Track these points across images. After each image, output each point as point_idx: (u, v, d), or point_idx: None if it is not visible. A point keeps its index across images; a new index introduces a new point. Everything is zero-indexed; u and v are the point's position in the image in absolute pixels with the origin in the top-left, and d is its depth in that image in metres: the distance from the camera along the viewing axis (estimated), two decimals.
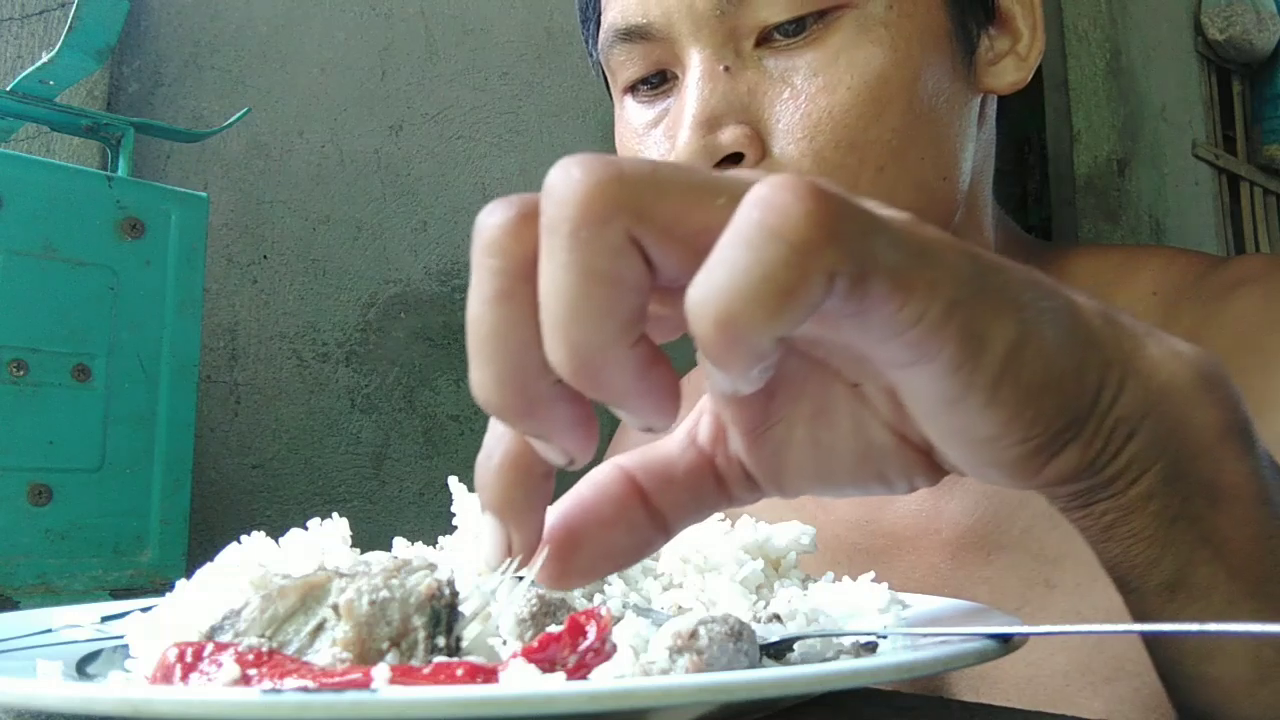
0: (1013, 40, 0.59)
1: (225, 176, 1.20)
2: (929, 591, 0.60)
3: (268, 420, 1.20)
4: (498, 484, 0.31)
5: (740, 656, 0.30)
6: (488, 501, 0.31)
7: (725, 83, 0.54)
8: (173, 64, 1.18)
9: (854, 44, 0.53)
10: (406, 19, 1.35)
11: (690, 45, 0.55)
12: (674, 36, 0.55)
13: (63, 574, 0.74)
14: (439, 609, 0.30)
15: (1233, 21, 2.91)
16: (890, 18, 0.54)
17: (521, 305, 0.27)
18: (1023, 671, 0.57)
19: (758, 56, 0.54)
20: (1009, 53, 0.59)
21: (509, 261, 0.28)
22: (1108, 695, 0.54)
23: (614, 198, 0.26)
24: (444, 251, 1.36)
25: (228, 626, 0.30)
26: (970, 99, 0.58)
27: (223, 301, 1.18)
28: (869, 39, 0.53)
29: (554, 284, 0.26)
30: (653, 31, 0.56)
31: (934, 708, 0.40)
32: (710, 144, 0.53)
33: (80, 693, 0.26)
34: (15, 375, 0.73)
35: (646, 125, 0.59)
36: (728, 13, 0.54)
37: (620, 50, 0.58)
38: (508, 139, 1.43)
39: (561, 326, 0.26)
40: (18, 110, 0.83)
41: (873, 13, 0.53)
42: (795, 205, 0.25)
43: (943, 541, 0.60)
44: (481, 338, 0.28)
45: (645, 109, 0.59)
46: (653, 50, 0.57)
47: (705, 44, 0.54)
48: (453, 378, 1.35)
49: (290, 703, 0.23)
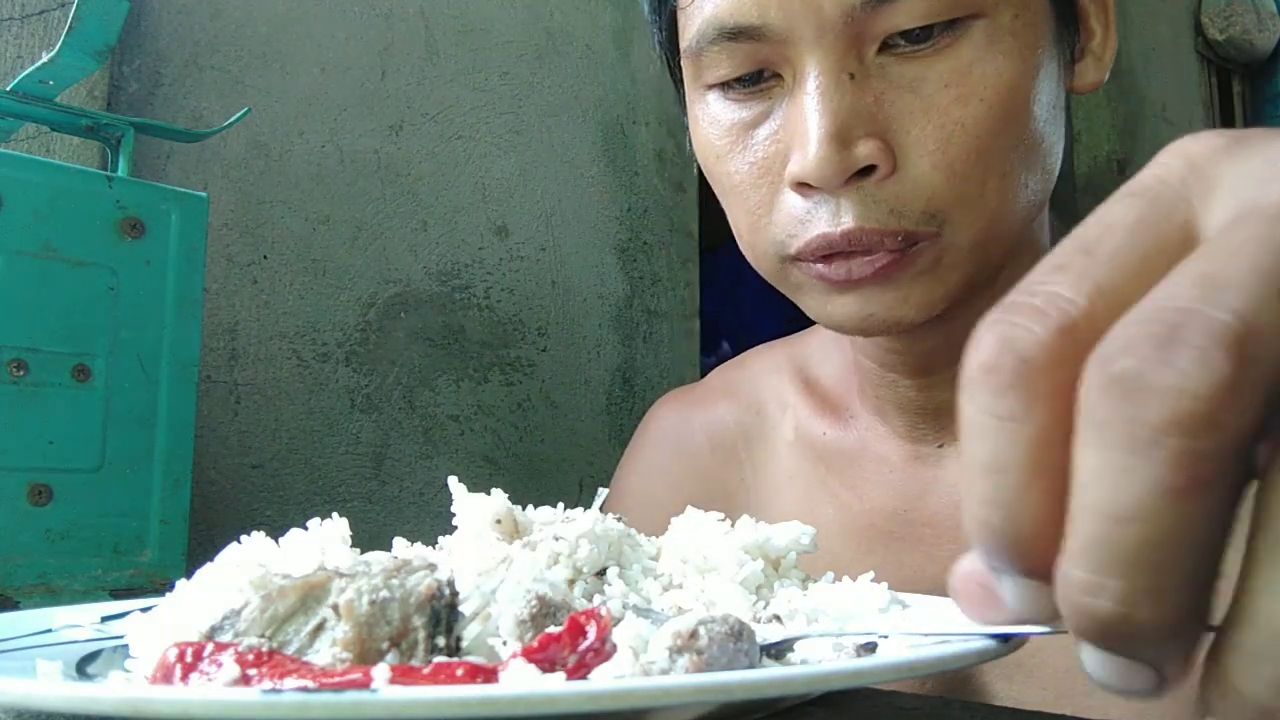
0: (1086, 38, 0.59)
1: (225, 176, 1.20)
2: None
3: (268, 420, 1.20)
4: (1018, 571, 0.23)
5: (740, 656, 0.30)
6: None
7: (852, 92, 0.52)
8: (173, 64, 1.18)
9: (986, 55, 0.52)
10: (406, 19, 1.35)
11: (811, 50, 0.53)
12: (792, 40, 0.53)
13: (63, 574, 0.74)
14: (439, 609, 0.30)
15: (1233, 21, 2.91)
16: (1017, 27, 0.53)
17: (1222, 502, 0.20)
18: (1061, 661, 0.56)
19: (881, 64, 0.53)
20: (1086, 52, 0.59)
21: (1222, 440, 0.19)
22: None
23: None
24: (444, 251, 1.36)
25: (228, 626, 0.30)
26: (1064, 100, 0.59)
27: (223, 301, 1.18)
28: (999, 50, 0.52)
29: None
30: (768, 33, 0.53)
31: (934, 707, 0.40)
32: (846, 158, 0.51)
33: (80, 693, 0.26)
34: (15, 375, 0.73)
35: (742, 125, 0.57)
36: (856, 19, 0.51)
37: (720, 48, 0.56)
38: (508, 139, 1.43)
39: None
40: (18, 110, 0.83)
41: (1001, 23, 0.53)
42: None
43: None
44: (1147, 541, 0.20)
45: (738, 108, 0.57)
46: (759, 50, 0.55)
47: (829, 50, 0.52)
48: (453, 378, 1.35)
49: (290, 703, 0.23)
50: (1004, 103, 0.52)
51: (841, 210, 0.53)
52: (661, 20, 0.63)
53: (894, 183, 0.52)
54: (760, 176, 0.56)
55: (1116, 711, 0.54)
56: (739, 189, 0.58)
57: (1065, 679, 0.56)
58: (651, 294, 1.59)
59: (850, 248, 0.53)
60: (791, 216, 0.55)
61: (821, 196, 0.53)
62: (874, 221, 0.52)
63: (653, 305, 1.59)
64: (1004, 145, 0.53)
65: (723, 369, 0.83)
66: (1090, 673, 0.22)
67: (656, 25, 0.64)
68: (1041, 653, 0.57)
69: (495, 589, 0.33)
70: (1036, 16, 0.54)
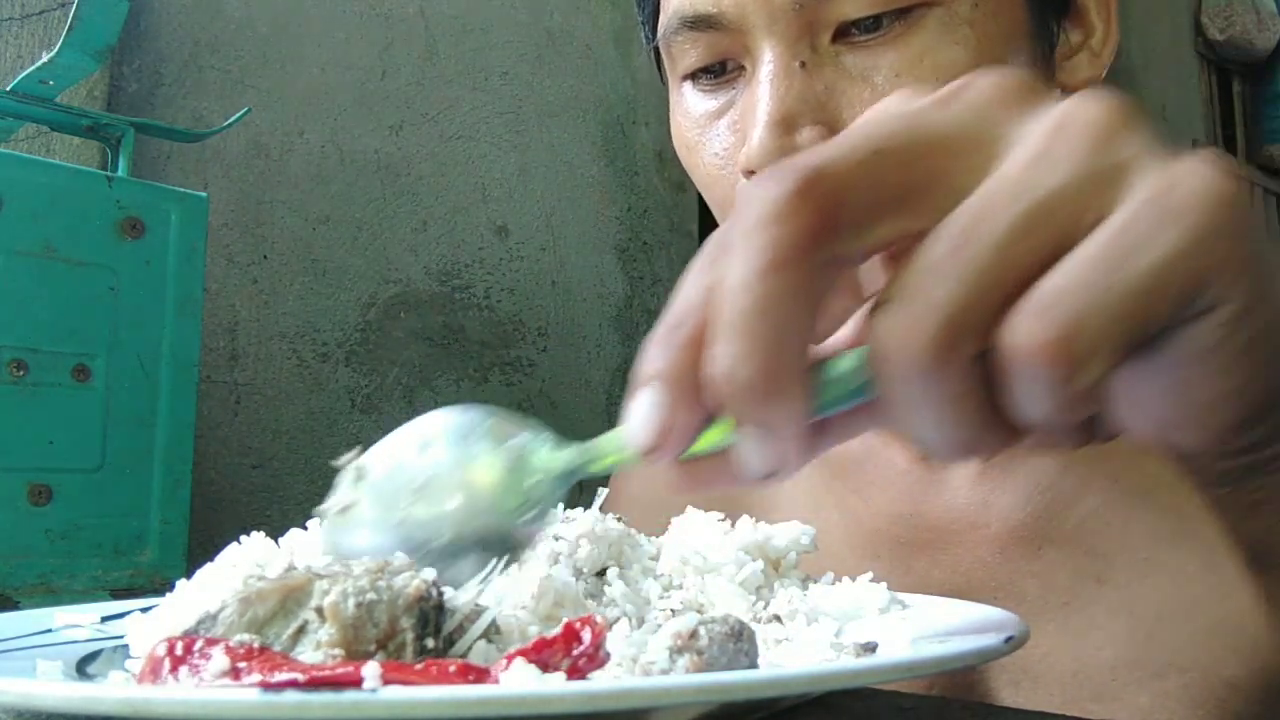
0: (1085, 34, 0.58)
1: (225, 176, 1.20)
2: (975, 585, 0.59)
3: (268, 420, 1.20)
4: (681, 354, 0.28)
5: (740, 656, 0.30)
6: (661, 368, 0.28)
7: (801, 80, 0.52)
8: (173, 64, 1.18)
9: (939, 44, 0.52)
10: (406, 19, 1.35)
11: (764, 38, 0.53)
12: (746, 28, 0.53)
13: (63, 574, 0.74)
14: (427, 610, 0.30)
15: (1233, 21, 2.91)
16: (975, 17, 0.52)
17: (804, 278, 0.26)
18: (1068, 665, 0.56)
19: (834, 53, 0.53)
20: (1082, 47, 0.58)
21: (791, 233, 0.26)
22: (1155, 690, 0.54)
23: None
24: (444, 251, 1.36)
25: (204, 631, 0.30)
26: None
27: (223, 301, 1.18)
28: (953, 39, 0.52)
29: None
30: (723, 21, 0.54)
31: (934, 708, 0.40)
32: (787, 145, 0.51)
33: (80, 693, 0.26)
34: (15, 375, 0.73)
35: (708, 115, 0.58)
36: (806, 6, 0.52)
37: (684, 37, 0.56)
38: (508, 139, 1.43)
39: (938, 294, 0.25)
40: (18, 110, 0.83)
41: (958, 12, 0.52)
42: (1213, 181, 0.24)
43: (991, 535, 0.60)
44: (750, 306, 0.26)
45: (706, 98, 0.58)
46: (720, 40, 0.55)
47: (780, 38, 0.52)
48: (453, 378, 1.35)
49: (290, 702, 0.23)
50: None
51: None
52: (646, 15, 0.63)
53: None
54: (723, 166, 0.57)
55: (1124, 714, 0.54)
56: (707, 179, 0.58)
57: (1072, 685, 0.56)
58: (651, 294, 1.59)
59: None
60: None
61: None
62: None
63: (653, 305, 1.59)
64: None
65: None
66: (745, 467, 0.28)
67: (644, 21, 0.64)
68: (1049, 658, 0.57)
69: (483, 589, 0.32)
70: (1002, 7, 0.53)
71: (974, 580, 0.59)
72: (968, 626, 0.38)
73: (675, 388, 0.28)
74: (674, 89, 0.61)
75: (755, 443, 0.27)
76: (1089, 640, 0.56)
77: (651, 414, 0.28)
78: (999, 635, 0.33)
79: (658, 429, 0.28)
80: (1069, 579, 0.57)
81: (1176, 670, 0.54)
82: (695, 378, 0.28)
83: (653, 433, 0.28)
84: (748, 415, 0.27)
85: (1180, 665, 0.54)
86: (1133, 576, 0.56)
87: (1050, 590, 0.58)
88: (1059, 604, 0.57)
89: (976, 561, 0.61)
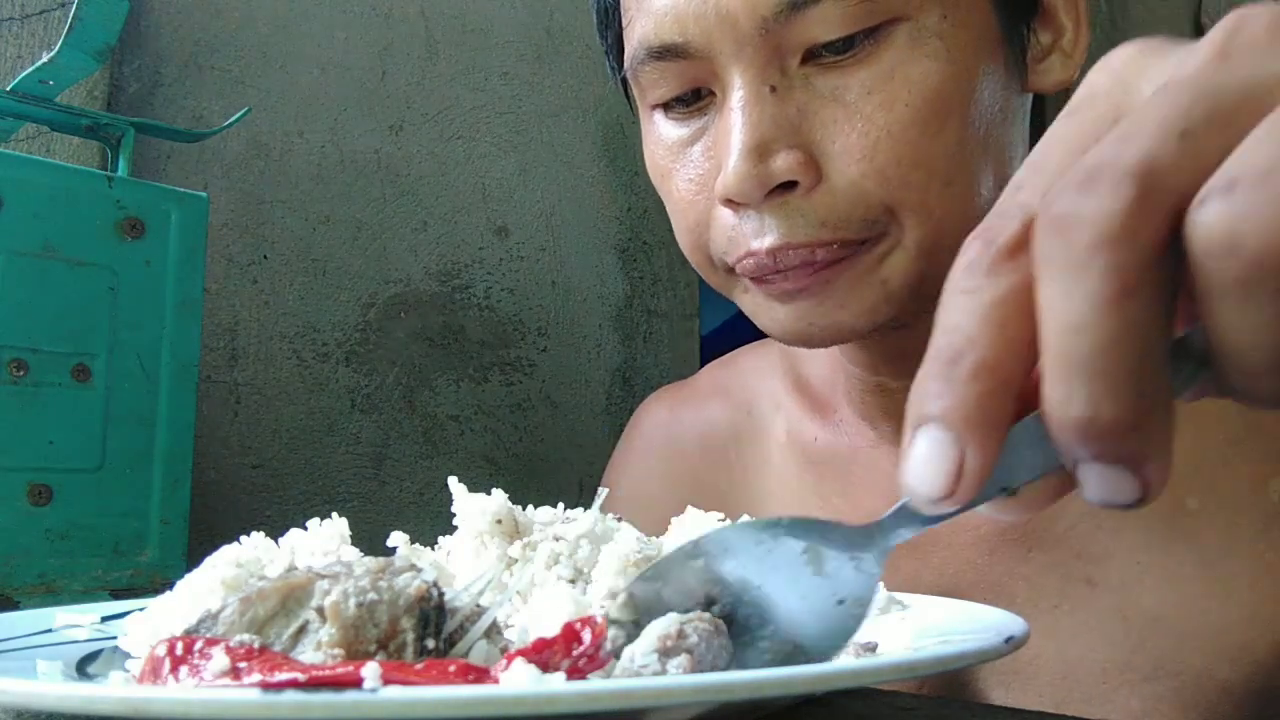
0: (1055, 35, 0.58)
1: (225, 176, 1.20)
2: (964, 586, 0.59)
3: (268, 420, 1.20)
4: (967, 390, 0.25)
5: (723, 652, 0.30)
6: (944, 410, 0.25)
7: (773, 105, 0.52)
8: (173, 64, 1.18)
9: (908, 59, 0.51)
10: (406, 19, 1.35)
11: (732, 65, 0.52)
12: (713, 56, 0.53)
13: (63, 574, 0.74)
14: (428, 610, 0.30)
15: None
16: (944, 28, 0.52)
17: (1162, 293, 0.23)
18: (1059, 669, 0.56)
19: (804, 75, 0.52)
20: (1054, 49, 0.58)
21: (1144, 248, 0.23)
22: (1146, 694, 0.54)
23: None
24: (444, 251, 1.36)
25: (204, 630, 0.30)
26: (1022, 102, 0.57)
27: (223, 301, 1.18)
28: (923, 52, 0.51)
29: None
30: (690, 50, 0.53)
31: (934, 708, 0.40)
32: (763, 173, 0.51)
33: (80, 693, 0.26)
34: (15, 375, 0.73)
35: (682, 143, 0.57)
36: (773, 30, 0.51)
37: (652, 68, 0.56)
38: (508, 139, 1.43)
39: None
40: (18, 110, 0.83)
41: (926, 25, 0.52)
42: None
43: (980, 537, 0.60)
44: (1106, 340, 0.23)
45: (679, 126, 0.58)
46: (689, 69, 0.55)
47: (749, 64, 0.52)
48: (453, 378, 1.35)
49: (290, 702, 0.23)
50: (931, 105, 0.51)
51: (766, 227, 0.52)
52: (609, 45, 0.63)
53: (822, 194, 0.51)
54: (697, 193, 0.57)
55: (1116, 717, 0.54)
56: (680, 206, 0.58)
57: (1062, 687, 0.56)
58: (651, 294, 1.59)
59: (777, 265, 0.52)
60: (724, 232, 0.55)
61: (747, 212, 0.53)
62: (801, 235, 0.52)
63: (653, 305, 1.59)
64: (941, 149, 0.51)
65: (712, 367, 0.83)
66: (1089, 496, 0.25)
67: (607, 52, 0.64)
68: (1038, 660, 0.57)
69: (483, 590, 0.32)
70: (971, 16, 0.53)
71: (963, 582, 0.59)
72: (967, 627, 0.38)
73: (965, 427, 0.25)
74: (645, 118, 0.61)
75: (1116, 476, 0.24)
76: (1080, 643, 0.56)
77: (939, 457, 0.25)
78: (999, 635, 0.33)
79: (948, 473, 0.25)
80: (1059, 581, 0.58)
81: (1168, 673, 0.54)
82: (988, 415, 0.25)
83: (942, 478, 0.26)
84: (1111, 455, 0.24)
85: (1172, 669, 0.54)
86: (1124, 580, 0.56)
87: (1039, 593, 0.58)
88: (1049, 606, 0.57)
89: (965, 563, 0.61)
